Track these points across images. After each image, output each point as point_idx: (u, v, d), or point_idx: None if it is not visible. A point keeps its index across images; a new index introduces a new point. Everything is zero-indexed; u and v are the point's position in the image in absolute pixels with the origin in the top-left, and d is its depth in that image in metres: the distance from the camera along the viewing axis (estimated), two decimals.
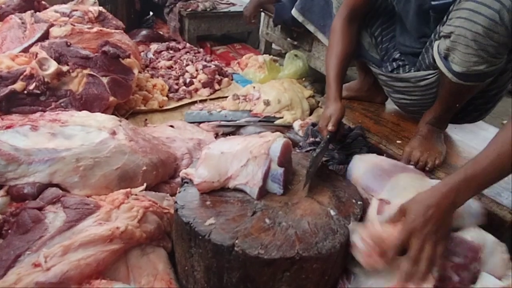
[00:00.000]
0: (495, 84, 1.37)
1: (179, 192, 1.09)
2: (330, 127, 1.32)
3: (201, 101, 2.21)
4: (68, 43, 1.86)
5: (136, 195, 1.24)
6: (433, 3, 1.29)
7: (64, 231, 1.04)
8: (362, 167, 1.23)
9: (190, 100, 2.20)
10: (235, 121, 1.97)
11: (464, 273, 1.04)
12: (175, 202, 1.05)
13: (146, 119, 1.99)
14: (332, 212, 1.05)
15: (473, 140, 1.62)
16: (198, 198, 1.05)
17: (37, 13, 2.14)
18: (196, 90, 2.28)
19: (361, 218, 1.11)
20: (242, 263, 0.92)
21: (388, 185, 1.17)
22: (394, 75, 1.51)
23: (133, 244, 1.09)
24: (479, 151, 1.13)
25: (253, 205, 1.04)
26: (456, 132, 1.67)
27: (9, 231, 1.13)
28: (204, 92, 2.27)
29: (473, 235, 1.10)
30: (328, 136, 1.33)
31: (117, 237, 1.04)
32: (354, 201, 1.13)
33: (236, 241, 0.92)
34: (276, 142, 1.09)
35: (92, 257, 0.99)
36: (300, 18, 2.22)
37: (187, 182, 1.12)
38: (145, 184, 1.33)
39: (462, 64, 1.21)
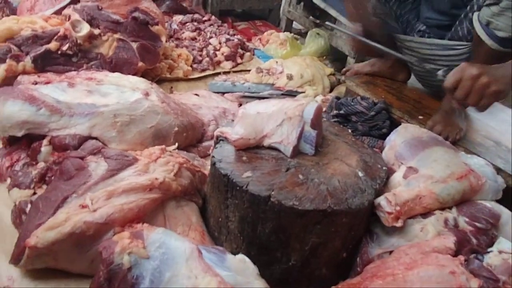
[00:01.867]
0: None
1: (215, 148, 1.15)
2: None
3: (224, 73, 2.26)
4: (100, 7, 1.89)
5: (170, 152, 1.29)
6: None
7: (106, 178, 1.11)
8: (403, 135, 1.29)
9: (213, 72, 2.24)
10: (258, 93, 2.01)
11: (482, 237, 1.10)
12: (212, 157, 1.11)
13: (171, 87, 2.04)
14: (360, 173, 1.11)
15: (492, 120, 1.67)
16: (234, 154, 1.11)
17: None
18: (219, 62, 2.32)
19: (385, 183, 1.17)
20: (277, 213, 0.98)
21: (420, 155, 1.23)
22: (422, 40, 1.55)
23: (169, 195, 1.15)
24: (497, 131, 1.19)
25: (286, 162, 1.10)
26: (476, 112, 1.71)
27: (53, 178, 1.20)
28: (227, 65, 2.32)
29: (493, 204, 1.16)
30: None
31: (156, 187, 1.11)
32: (379, 166, 1.18)
33: (272, 193, 0.98)
34: (309, 105, 1.14)
35: (134, 203, 1.06)
36: (322, 5, 2.26)
37: (222, 140, 1.17)
38: (176, 144, 1.39)
39: (506, 29, 1.28)
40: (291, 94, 2.01)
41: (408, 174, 1.20)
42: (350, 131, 1.47)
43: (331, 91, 2.17)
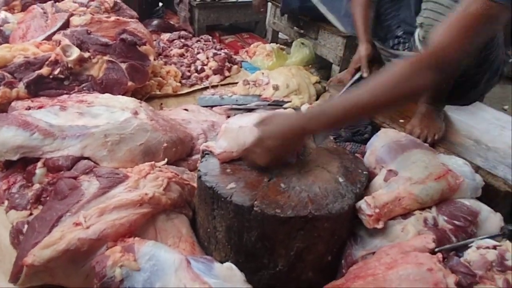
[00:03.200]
0: (480, 68, 1.48)
1: (201, 162, 1.20)
2: (363, 67, 1.48)
3: (212, 86, 2.32)
4: (89, 31, 1.96)
5: (159, 167, 1.35)
6: None
7: (98, 196, 1.16)
8: (383, 140, 1.34)
9: (202, 86, 2.30)
10: (246, 104, 2.07)
11: (462, 235, 1.15)
12: (198, 170, 1.16)
13: (161, 103, 2.10)
14: (341, 179, 1.16)
15: (472, 119, 1.72)
16: (219, 167, 1.16)
17: (57, 3, 2.25)
18: (207, 76, 2.38)
19: (367, 186, 1.22)
20: (261, 222, 1.03)
21: (399, 158, 1.28)
22: (392, 51, 1.63)
23: (159, 209, 1.20)
24: (477, 129, 1.23)
25: (269, 172, 1.15)
26: (457, 113, 1.77)
27: (48, 198, 1.26)
28: (215, 79, 2.38)
29: (472, 202, 1.21)
30: (364, 71, 1.46)
31: (146, 202, 1.15)
32: (360, 171, 1.23)
33: (255, 202, 1.03)
34: None
35: (125, 218, 1.10)
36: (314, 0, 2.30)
37: (207, 154, 1.23)
38: (166, 159, 1.44)
39: None
40: (278, 104, 2.07)
41: (389, 177, 1.24)
42: (332, 138, 1.53)
43: (317, 99, 2.23)
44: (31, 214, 1.28)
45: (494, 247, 1.05)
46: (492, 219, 1.18)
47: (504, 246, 1.06)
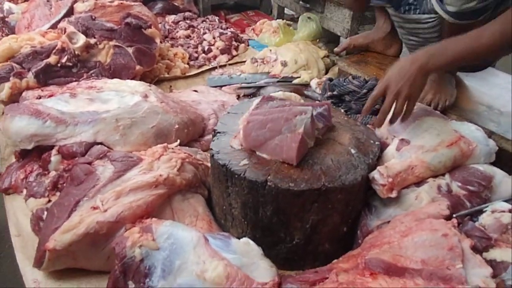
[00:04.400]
0: None
1: (213, 141, 1.21)
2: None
3: (220, 66, 2.31)
4: (93, 17, 1.95)
5: (172, 149, 1.36)
6: None
7: (114, 179, 1.18)
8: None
9: (210, 66, 2.30)
10: (255, 82, 2.06)
11: (476, 200, 1.14)
12: (211, 149, 1.17)
13: (171, 86, 2.10)
14: (353, 151, 1.16)
15: (484, 86, 1.70)
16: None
17: None
18: (215, 56, 2.37)
19: (379, 157, 1.22)
20: (275, 196, 1.04)
21: (411, 127, 1.27)
22: (405, 15, 1.61)
23: (175, 189, 1.22)
24: (489, 95, 1.21)
25: None
26: (468, 79, 1.74)
27: (64, 184, 1.28)
28: (223, 58, 2.36)
29: (485, 167, 1.20)
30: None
31: (161, 183, 1.17)
32: (372, 141, 1.23)
33: (268, 177, 1.04)
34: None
35: (141, 200, 1.12)
36: None
37: (219, 133, 1.23)
38: (178, 141, 1.45)
39: (454, 4, 1.34)
40: (287, 80, 2.05)
41: (401, 146, 1.24)
42: (343, 110, 1.52)
43: (326, 73, 2.20)
44: (49, 201, 1.30)
45: (510, 211, 1.05)
46: (506, 183, 1.18)
47: None
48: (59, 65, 1.76)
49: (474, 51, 1.12)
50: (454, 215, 1.06)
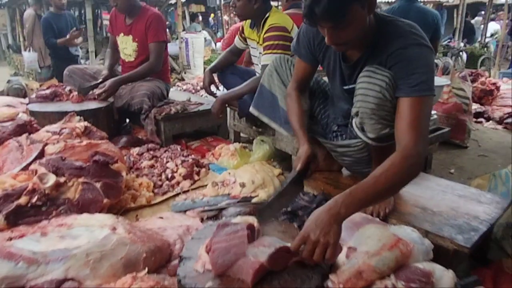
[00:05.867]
0: None
1: (179, 267, 1.31)
2: (298, 167, 1.64)
3: (184, 192, 2.46)
4: (63, 158, 2.12)
5: (141, 277, 1.44)
6: (344, 87, 1.69)
7: None
8: None
9: (174, 193, 2.44)
10: (217, 205, 2.22)
11: None
12: (177, 275, 1.27)
13: (137, 215, 2.21)
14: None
15: (418, 189, 1.93)
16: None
17: (31, 135, 2.43)
18: (178, 183, 2.54)
19: (332, 265, 1.35)
20: None
21: (356, 235, 1.44)
22: (335, 142, 1.88)
23: None
24: (423, 197, 1.41)
25: None
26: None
27: None
28: (186, 184, 2.53)
29: (425, 264, 1.35)
30: (297, 170, 1.63)
31: None
32: None
33: None
34: None
35: None
36: (256, 113, 2.49)
37: (185, 258, 1.34)
38: (146, 269, 1.53)
39: (373, 132, 1.61)
40: (246, 200, 2.22)
41: (349, 254, 1.39)
42: (297, 225, 1.67)
43: None
44: None
45: None
46: (446, 277, 1.32)
47: None
48: (29, 205, 1.86)
49: (379, 194, 1.34)
50: None
